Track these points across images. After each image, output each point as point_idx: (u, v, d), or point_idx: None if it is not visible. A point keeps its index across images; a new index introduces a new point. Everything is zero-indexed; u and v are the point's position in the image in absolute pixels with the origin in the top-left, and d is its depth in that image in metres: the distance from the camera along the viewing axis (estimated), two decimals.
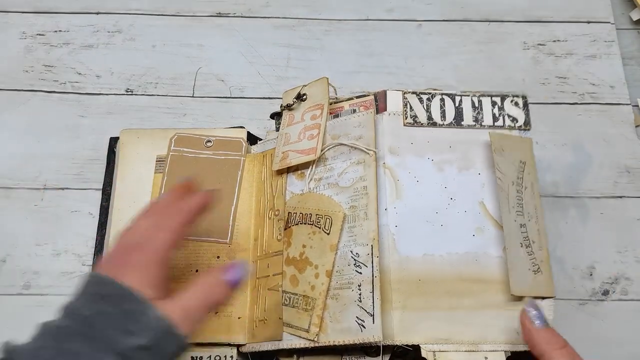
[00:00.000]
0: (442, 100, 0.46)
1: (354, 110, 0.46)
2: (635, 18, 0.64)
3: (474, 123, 0.46)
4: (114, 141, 0.54)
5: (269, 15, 0.64)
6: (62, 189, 0.55)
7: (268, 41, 0.63)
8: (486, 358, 0.39)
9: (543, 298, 0.40)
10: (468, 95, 0.46)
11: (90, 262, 0.50)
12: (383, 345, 0.40)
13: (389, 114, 0.45)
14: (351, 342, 0.39)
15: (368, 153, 0.44)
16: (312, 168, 0.46)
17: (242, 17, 0.64)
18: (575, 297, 0.53)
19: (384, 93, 0.46)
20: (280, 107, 0.50)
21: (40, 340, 0.32)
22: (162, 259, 0.35)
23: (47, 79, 0.60)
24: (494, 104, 0.46)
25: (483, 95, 0.46)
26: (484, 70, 0.62)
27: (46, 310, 0.51)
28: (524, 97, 0.47)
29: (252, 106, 0.59)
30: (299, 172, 0.46)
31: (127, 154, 0.51)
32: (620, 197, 0.56)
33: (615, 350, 0.51)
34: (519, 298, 0.40)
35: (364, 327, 0.39)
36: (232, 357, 0.44)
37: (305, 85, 0.49)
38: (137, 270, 0.34)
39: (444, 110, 0.46)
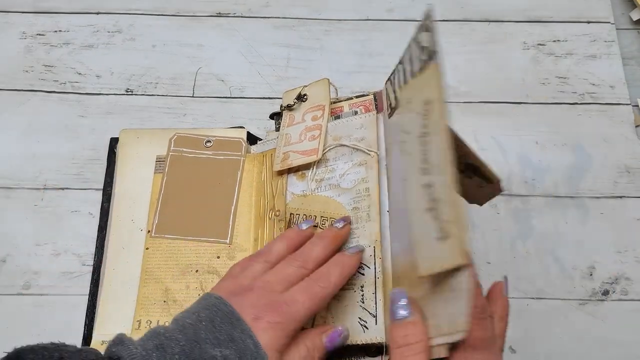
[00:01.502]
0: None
1: (356, 112, 0.46)
2: (635, 18, 0.64)
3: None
4: (114, 142, 0.53)
5: (269, 15, 0.64)
6: (62, 189, 0.55)
7: (268, 41, 0.63)
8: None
9: (455, 270, 0.30)
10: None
11: (91, 262, 0.50)
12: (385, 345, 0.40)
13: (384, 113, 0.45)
14: (354, 343, 0.39)
15: (370, 154, 0.44)
16: (313, 169, 0.46)
17: (242, 17, 0.64)
18: (575, 297, 0.53)
19: (382, 92, 0.46)
20: (280, 107, 0.50)
21: (158, 356, 0.31)
22: (295, 331, 0.35)
23: (47, 79, 0.60)
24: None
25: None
26: (484, 70, 0.62)
27: (46, 310, 0.51)
28: (427, 17, 0.37)
29: (252, 106, 0.59)
30: (300, 172, 0.46)
31: (127, 154, 0.51)
32: (620, 197, 0.56)
33: (615, 350, 0.51)
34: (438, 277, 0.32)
35: (367, 327, 0.39)
36: None
37: (305, 86, 0.49)
38: (274, 332, 0.33)
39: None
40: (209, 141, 0.50)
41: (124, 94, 0.60)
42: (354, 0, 0.65)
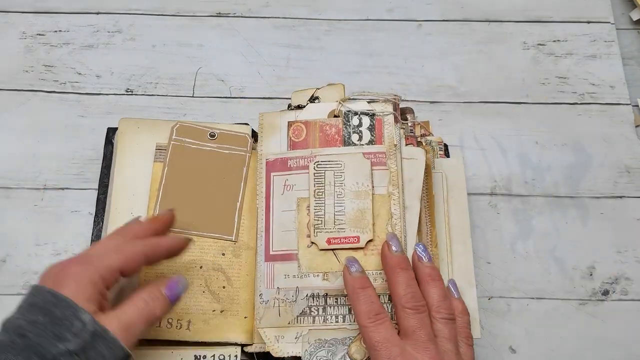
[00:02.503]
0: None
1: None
2: (635, 18, 0.64)
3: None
4: (111, 132, 0.53)
5: (269, 15, 0.64)
6: (62, 189, 0.55)
7: (268, 41, 0.63)
8: None
9: None
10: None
11: None
12: None
13: None
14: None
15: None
16: None
17: (242, 17, 0.64)
18: (575, 297, 0.53)
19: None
20: (289, 106, 0.49)
21: None
22: (103, 276, 0.35)
23: (47, 79, 0.60)
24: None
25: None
26: (484, 70, 0.62)
27: None
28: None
29: (252, 106, 0.59)
30: None
31: (126, 144, 0.50)
32: (620, 197, 0.56)
33: (615, 350, 0.51)
34: None
35: None
36: (236, 356, 0.44)
37: (319, 88, 0.49)
38: (74, 281, 0.34)
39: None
40: (213, 134, 0.50)
41: (124, 94, 0.60)
42: (354, 0, 0.65)
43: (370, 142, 0.45)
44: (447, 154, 0.53)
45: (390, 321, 0.39)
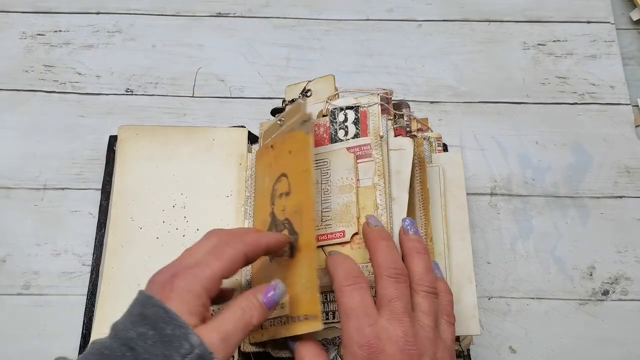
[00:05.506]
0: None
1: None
2: (635, 18, 0.64)
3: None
4: (113, 139, 0.53)
5: (269, 15, 0.64)
6: (62, 189, 0.55)
7: (268, 41, 0.63)
8: None
9: None
10: None
11: (90, 262, 0.50)
12: None
13: None
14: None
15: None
16: None
17: (242, 17, 0.64)
18: (575, 297, 0.53)
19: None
20: (283, 102, 0.49)
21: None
22: (206, 288, 0.35)
23: (47, 79, 0.60)
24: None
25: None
26: (484, 70, 0.62)
27: (46, 310, 0.51)
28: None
29: (252, 106, 0.59)
30: None
31: (126, 151, 0.50)
32: (620, 197, 0.56)
33: (615, 350, 0.51)
34: None
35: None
36: (232, 356, 0.44)
37: (310, 81, 0.48)
38: (180, 295, 0.33)
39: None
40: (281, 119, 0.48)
41: (124, 94, 0.60)
42: (354, 0, 0.65)
43: (356, 136, 0.45)
44: (446, 152, 0.53)
45: (368, 288, 0.36)
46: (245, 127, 0.52)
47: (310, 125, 0.41)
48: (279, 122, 0.46)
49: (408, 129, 0.48)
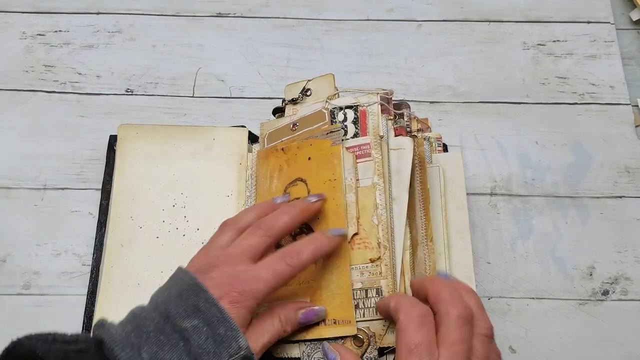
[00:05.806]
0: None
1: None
2: (635, 18, 0.64)
3: None
4: (113, 139, 0.53)
5: (269, 15, 0.64)
6: (62, 189, 0.55)
7: (268, 41, 0.63)
8: None
9: None
10: None
11: (90, 262, 0.50)
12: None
13: None
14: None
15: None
16: None
17: (242, 17, 0.64)
18: (575, 297, 0.53)
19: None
20: (283, 101, 0.49)
21: (135, 336, 0.32)
22: (258, 301, 0.36)
23: (47, 79, 0.60)
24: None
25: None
26: (484, 70, 0.62)
27: (46, 310, 0.51)
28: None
29: (252, 106, 0.59)
30: None
31: (126, 150, 0.50)
32: (620, 197, 0.56)
33: (615, 350, 0.51)
34: None
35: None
36: None
37: (310, 80, 0.49)
38: (235, 305, 0.34)
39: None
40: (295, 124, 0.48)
41: (124, 94, 0.60)
42: (354, 0, 0.65)
43: (355, 135, 0.45)
44: (445, 152, 0.53)
45: (434, 324, 0.34)
46: (245, 127, 0.52)
47: (339, 136, 0.42)
48: (292, 127, 0.46)
49: (408, 129, 0.48)
